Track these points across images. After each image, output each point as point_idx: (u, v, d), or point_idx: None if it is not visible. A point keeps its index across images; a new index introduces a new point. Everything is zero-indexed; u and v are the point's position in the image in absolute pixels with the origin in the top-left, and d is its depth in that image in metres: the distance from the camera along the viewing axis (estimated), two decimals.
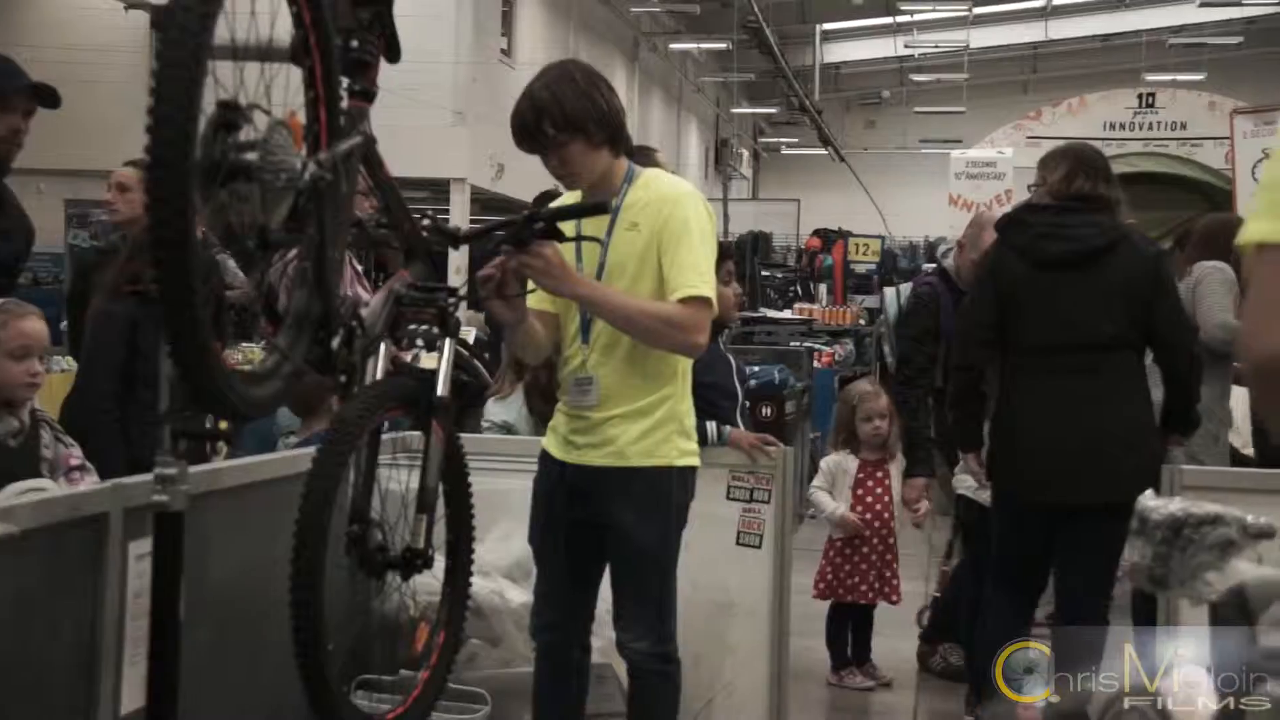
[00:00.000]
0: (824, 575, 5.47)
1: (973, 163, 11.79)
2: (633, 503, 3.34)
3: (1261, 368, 1.28)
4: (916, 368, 5.37)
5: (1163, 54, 24.89)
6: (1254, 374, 1.30)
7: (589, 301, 3.27)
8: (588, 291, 3.25)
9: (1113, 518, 4.30)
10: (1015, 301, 4.43)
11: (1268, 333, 1.26)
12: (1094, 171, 4.40)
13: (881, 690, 5.49)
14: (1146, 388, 4.38)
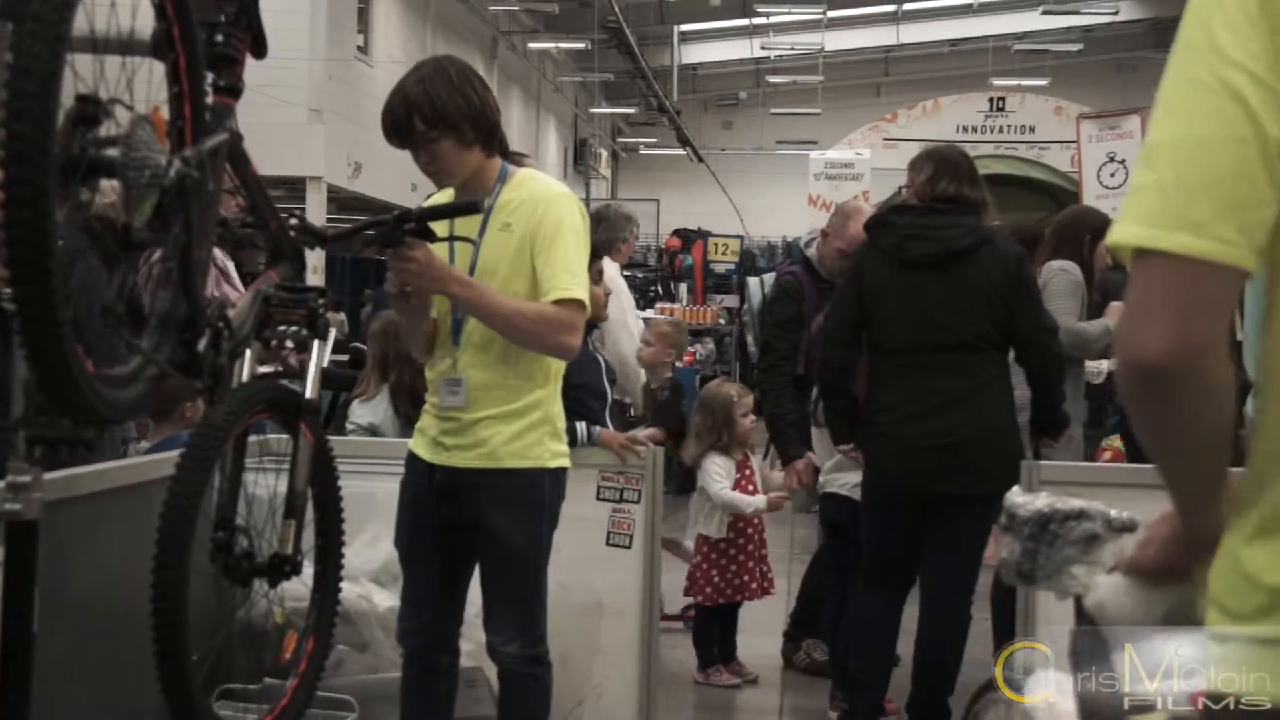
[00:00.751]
0: (708, 579, 5.44)
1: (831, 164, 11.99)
2: (504, 504, 3.32)
3: (1132, 369, 1.32)
4: (779, 355, 5.42)
5: (1008, 59, 25.58)
6: (1125, 375, 1.33)
7: (464, 301, 3.25)
8: (462, 290, 3.22)
9: (975, 513, 4.43)
10: (880, 301, 4.51)
11: (1140, 336, 1.30)
12: (958, 173, 4.49)
13: (748, 687, 5.54)
14: (1009, 386, 4.49)
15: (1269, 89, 1.29)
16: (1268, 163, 1.28)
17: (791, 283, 5.55)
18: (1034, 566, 2.16)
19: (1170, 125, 1.32)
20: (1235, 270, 1.28)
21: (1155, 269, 1.29)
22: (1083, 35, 25.81)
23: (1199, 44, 1.33)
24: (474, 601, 3.59)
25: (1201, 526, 1.47)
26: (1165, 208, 1.29)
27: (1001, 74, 24.19)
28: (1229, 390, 1.33)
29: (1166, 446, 1.38)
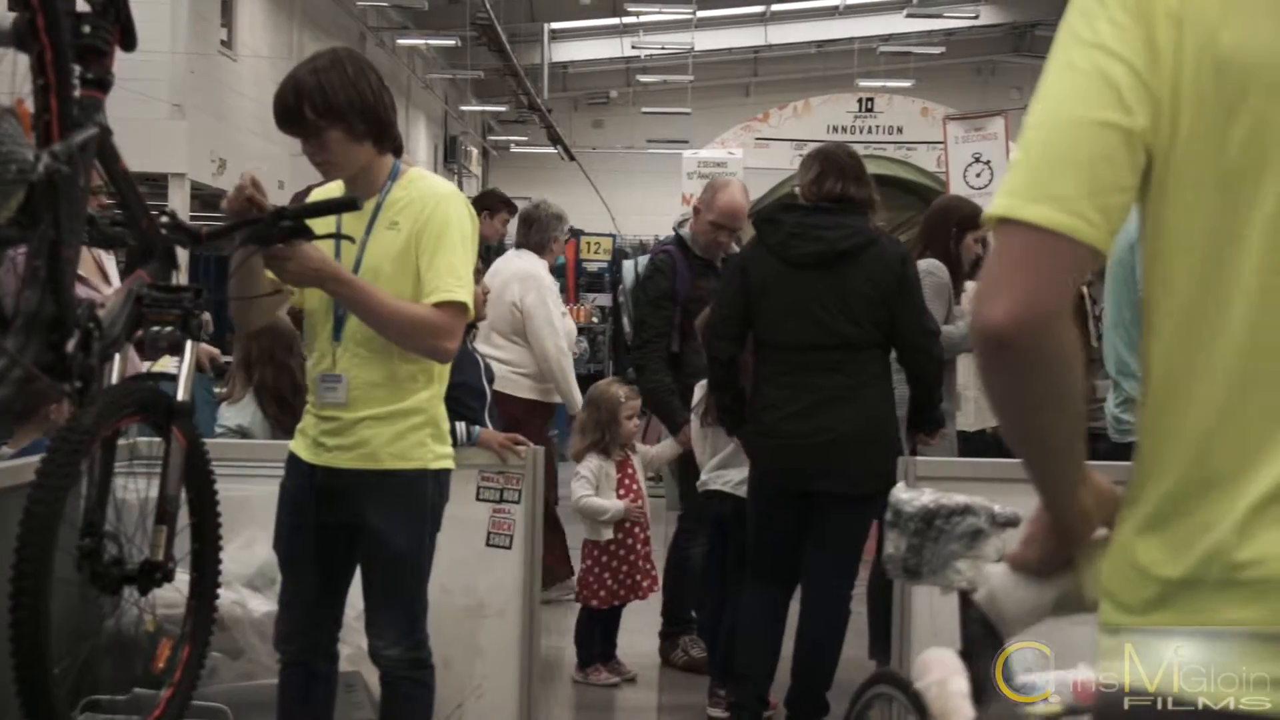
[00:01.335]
0: (601, 583, 5.41)
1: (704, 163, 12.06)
2: (386, 506, 3.27)
3: (981, 335, 1.34)
4: (654, 331, 5.46)
5: (874, 61, 26.01)
6: (976, 342, 1.36)
7: (343, 296, 3.19)
8: (340, 286, 3.16)
9: (854, 509, 4.49)
10: (765, 299, 4.53)
11: (990, 303, 1.33)
12: (844, 173, 4.52)
13: (627, 686, 5.54)
14: (889, 385, 4.54)
15: (1142, 82, 1.33)
16: (1132, 151, 1.32)
17: (665, 260, 5.58)
18: (920, 562, 2.19)
19: (1045, 106, 1.36)
20: (1090, 248, 1.31)
21: (1014, 238, 1.32)
22: (944, 38, 26.37)
23: (1081, 33, 1.37)
24: (353, 605, 3.53)
25: (1062, 508, 1.51)
26: (1031, 181, 1.33)
27: (867, 75, 24.60)
28: (1075, 363, 1.36)
29: (1017, 419, 1.41)
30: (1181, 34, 1.33)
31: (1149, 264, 1.38)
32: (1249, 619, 1.28)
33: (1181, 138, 1.33)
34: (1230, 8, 1.32)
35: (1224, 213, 1.32)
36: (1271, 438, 1.29)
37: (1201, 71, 1.32)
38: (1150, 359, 1.39)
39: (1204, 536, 1.31)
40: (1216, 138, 1.31)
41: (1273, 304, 1.30)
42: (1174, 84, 1.33)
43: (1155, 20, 1.34)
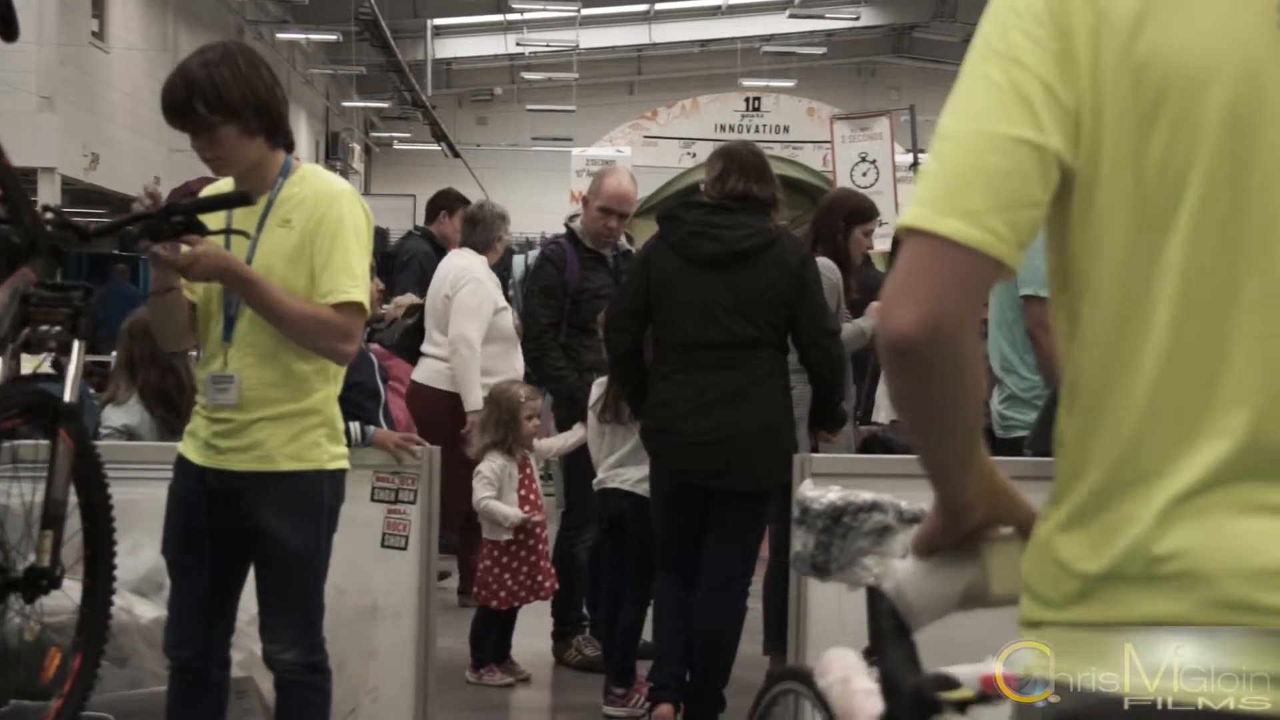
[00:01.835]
0: (501, 583, 5.36)
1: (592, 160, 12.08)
2: (282, 508, 3.21)
3: (887, 343, 1.36)
4: (544, 323, 5.44)
5: (757, 60, 26.23)
6: (882, 348, 1.38)
7: (253, 296, 3.12)
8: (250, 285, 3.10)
9: (749, 508, 4.52)
10: (664, 295, 4.53)
11: (898, 312, 1.34)
12: (746, 171, 4.53)
13: (521, 686, 5.51)
14: (785, 383, 4.56)
15: (1056, 99, 1.34)
16: (1044, 167, 1.33)
17: (555, 251, 5.59)
18: (828, 559, 2.20)
19: (959, 118, 1.37)
20: (998, 262, 1.33)
21: (923, 249, 1.34)
22: (826, 39, 26.68)
23: (996, 44, 1.38)
24: (245, 609, 3.47)
25: (952, 500, 1.54)
26: (943, 194, 1.34)
27: (750, 75, 24.79)
28: (976, 370, 1.39)
29: (918, 419, 1.44)
30: (1099, 44, 1.34)
31: (1076, 274, 1.40)
32: (1168, 612, 1.31)
33: (1106, 149, 1.34)
34: (1145, 18, 1.33)
35: (1146, 222, 1.34)
36: (1190, 440, 1.32)
37: (1120, 82, 1.34)
38: (1077, 367, 1.41)
39: (1123, 532, 1.33)
40: (1136, 148, 1.33)
41: (1193, 313, 1.32)
42: (1094, 95, 1.34)
43: (1072, 32, 1.35)
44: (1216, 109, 1.31)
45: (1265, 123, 1.31)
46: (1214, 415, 1.32)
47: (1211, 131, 1.31)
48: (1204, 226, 1.32)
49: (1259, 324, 1.31)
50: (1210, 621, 1.29)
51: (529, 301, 5.69)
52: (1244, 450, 1.31)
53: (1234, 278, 1.32)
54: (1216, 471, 1.31)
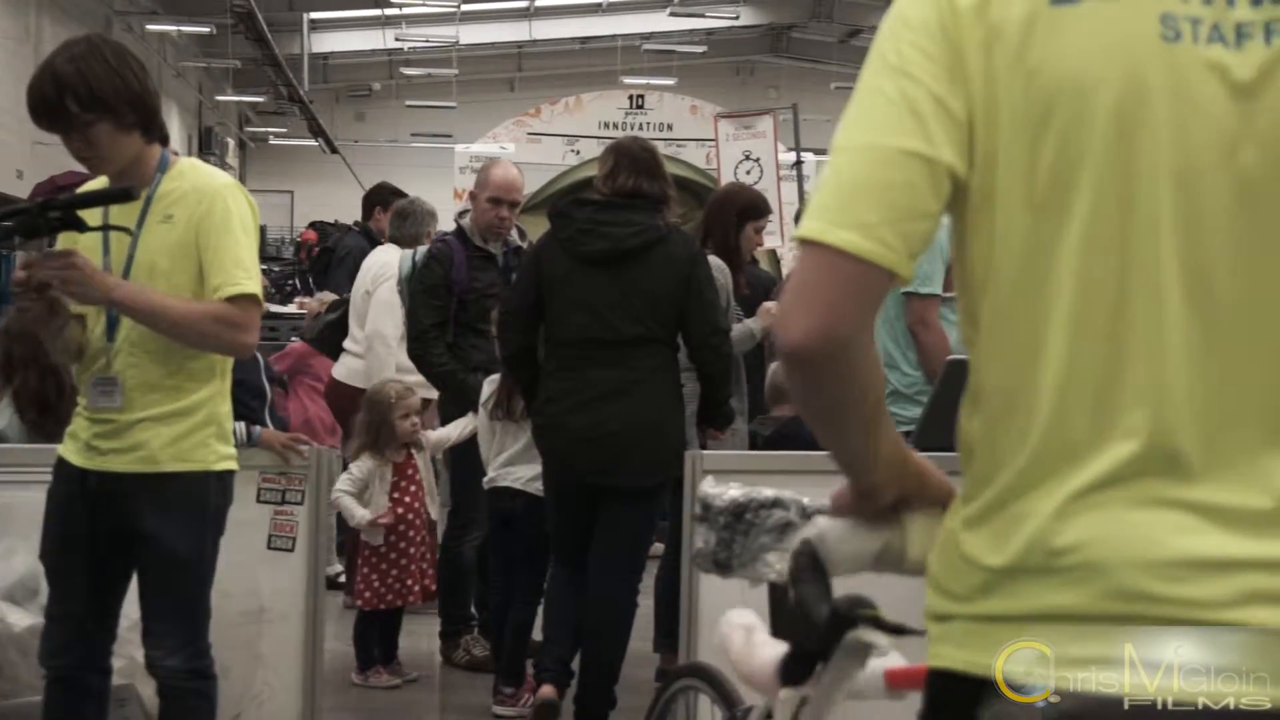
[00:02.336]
0: (369, 584, 5.29)
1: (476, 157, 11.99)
2: (167, 511, 3.13)
3: (785, 350, 1.39)
4: (428, 321, 5.39)
5: (638, 58, 26.29)
6: (780, 355, 1.41)
7: (128, 309, 3.03)
8: (125, 297, 3.01)
9: (637, 505, 4.52)
10: (554, 293, 4.52)
11: (794, 321, 1.37)
12: (637, 166, 4.53)
13: (409, 687, 5.44)
14: (673, 379, 4.57)
15: (947, 112, 1.37)
16: (935, 180, 1.37)
17: (441, 249, 5.53)
18: (730, 555, 2.20)
19: (854, 130, 1.41)
20: (890, 273, 1.37)
21: (819, 260, 1.37)
22: (705, 38, 26.83)
23: (889, 58, 1.41)
24: (126, 615, 3.38)
25: (863, 483, 1.59)
26: (838, 206, 1.37)
27: (631, 72, 24.84)
28: (874, 374, 1.43)
29: (819, 419, 1.48)
30: (990, 56, 1.37)
31: (976, 279, 1.43)
32: (1067, 603, 1.33)
33: (1001, 157, 1.38)
34: (1034, 29, 1.36)
35: (1041, 228, 1.37)
36: (1093, 440, 1.35)
37: (1013, 91, 1.37)
38: (981, 370, 1.44)
39: (1025, 526, 1.36)
40: (1029, 155, 1.37)
41: (1090, 315, 1.36)
42: (988, 106, 1.37)
43: (963, 45, 1.38)
44: (1104, 116, 1.35)
45: (1151, 129, 1.35)
46: (1115, 415, 1.35)
47: (1100, 138, 1.35)
48: (1096, 230, 1.35)
49: (1151, 323, 1.35)
50: (1109, 612, 1.32)
51: (413, 300, 5.62)
52: (1144, 448, 1.34)
53: (1126, 280, 1.35)
54: (1117, 469, 1.34)
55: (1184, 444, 1.34)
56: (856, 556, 1.63)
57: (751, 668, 1.91)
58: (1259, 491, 1.33)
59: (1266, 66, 1.35)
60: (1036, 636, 1.34)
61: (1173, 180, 1.34)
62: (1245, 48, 1.35)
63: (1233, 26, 1.35)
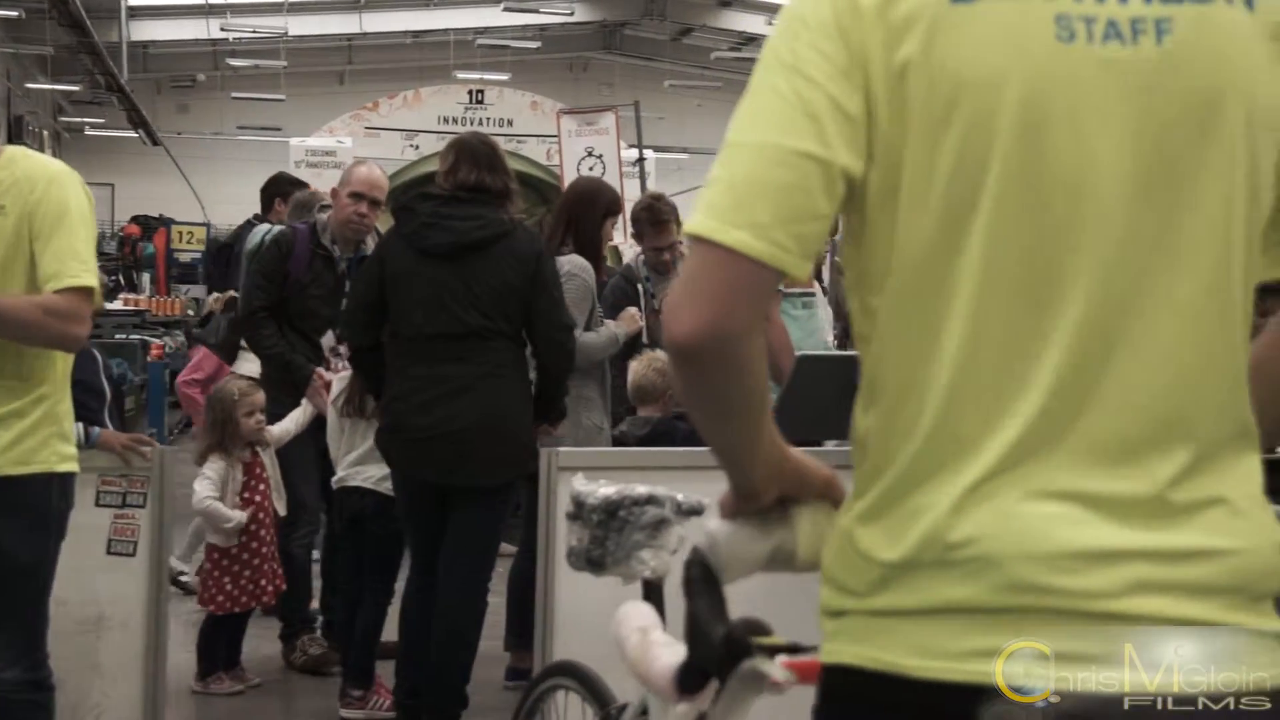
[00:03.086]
0: (220, 587, 5.15)
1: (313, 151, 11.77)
2: (6, 515, 3.00)
3: (673, 346, 1.39)
4: (259, 304, 5.34)
5: (471, 53, 26.07)
6: (669, 349, 1.41)
7: None
8: None
9: (487, 503, 4.48)
10: (399, 288, 4.47)
11: (684, 317, 1.37)
12: (477, 161, 4.49)
13: (252, 693, 5.31)
14: (521, 375, 4.54)
15: (843, 113, 1.38)
16: (829, 182, 1.38)
17: (286, 235, 5.48)
18: (604, 553, 2.21)
19: (748, 128, 1.40)
20: (780, 272, 1.37)
21: (710, 258, 1.37)
22: (539, 33, 26.74)
23: (785, 57, 1.41)
24: None
25: (744, 483, 1.59)
26: (731, 205, 1.37)
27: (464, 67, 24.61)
28: (760, 371, 1.43)
29: (705, 415, 1.47)
30: (890, 56, 1.38)
31: (875, 276, 1.44)
32: (963, 596, 1.35)
33: (907, 155, 1.39)
34: (935, 31, 1.38)
35: (945, 224, 1.38)
36: (985, 433, 1.37)
37: (916, 90, 1.38)
38: (876, 366, 1.45)
39: (920, 520, 1.38)
40: (934, 153, 1.38)
41: (988, 311, 1.38)
42: (890, 106, 1.38)
43: (863, 46, 1.39)
44: (1006, 115, 1.37)
45: (1052, 126, 1.37)
46: (1007, 410, 1.37)
47: (1002, 137, 1.37)
48: (999, 227, 1.37)
49: (1047, 318, 1.37)
50: (1004, 605, 1.34)
51: (248, 279, 5.53)
52: (1034, 440, 1.37)
53: (1025, 276, 1.38)
54: (1008, 462, 1.36)
55: (1072, 437, 1.37)
56: (748, 560, 1.64)
57: (649, 671, 1.90)
58: (1142, 482, 1.37)
59: (1159, 63, 1.38)
60: (933, 630, 1.35)
61: (1071, 179, 1.37)
62: (1140, 44, 1.38)
63: (1128, 23, 1.38)
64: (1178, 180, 1.38)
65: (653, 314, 5.64)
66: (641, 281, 5.87)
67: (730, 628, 1.60)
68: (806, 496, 1.65)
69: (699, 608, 1.62)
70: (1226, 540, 1.38)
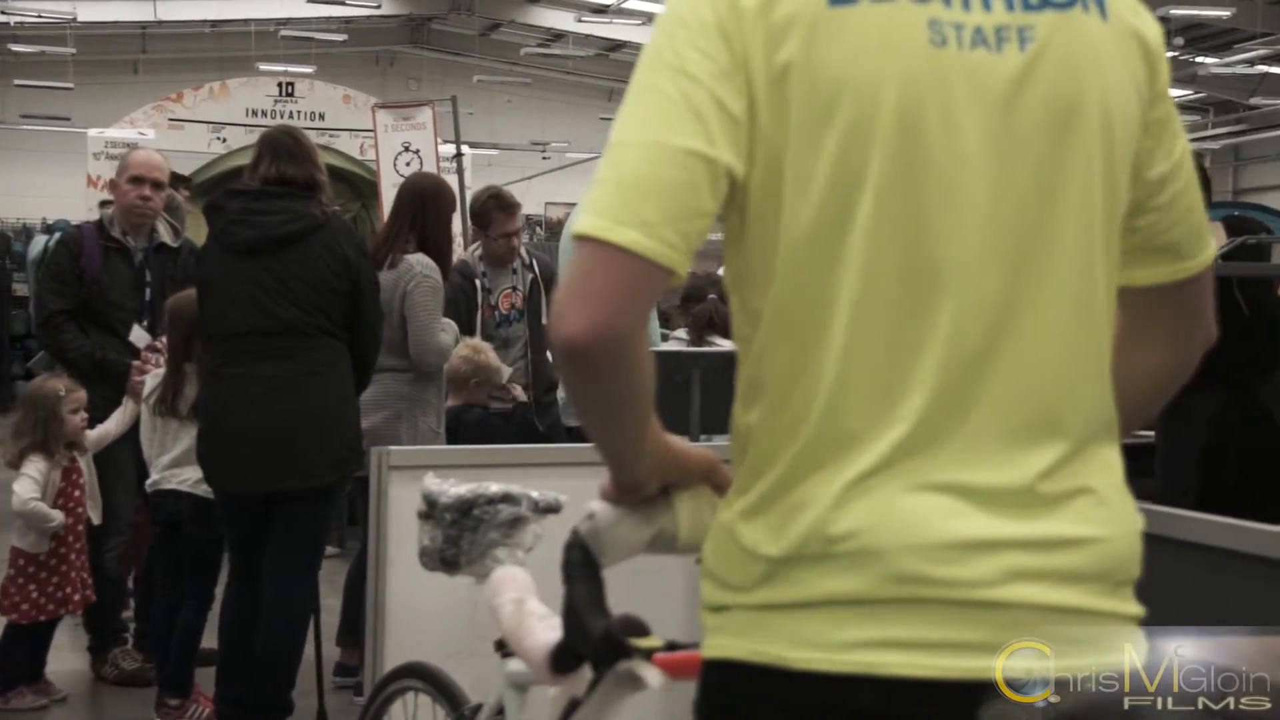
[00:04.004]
0: (25, 595, 4.91)
1: (113, 143, 11.31)
2: None
3: (560, 344, 1.39)
4: (52, 308, 5.18)
5: (274, 44, 25.43)
6: (555, 348, 1.40)
7: None
8: None
9: (312, 505, 4.39)
10: (211, 288, 4.36)
11: (572, 316, 1.37)
12: (280, 154, 4.39)
13: (57, 707, 5.09)
14: (347, 374, 4.44)
15: (726, 112, 1.39)
16: (714, 180, 1.39)
17: (72, 234, 5.35)
18: (458, 553, 2.18)
19: (634, 127, 1.41)
20: (669, 271, 1.38)
21: (599, 257, 1.37)
22: (344, 26, 26.25)
23: (666, 55, 1.42)
24: None
25: (628, 477, 1.60)
26: (618, 204, 1.37)
27: (267, 59, 23.99)
28: (646, 370, 1.43)
29: (592, 412, 1.48)
30: (771, 57, 1.40)
31: (756, 275, 1.45)
32: (846, 588, 1.37)
33: (789, 155, 1.40)
34: (815, 32, 1.39)
35: (826, 223, 1.40)
36: (868, 428, 1.40)
37: (797, 90, 1.39)
38: (759, 364, 1.46)
39: (803, 515, 1.39)
40: (814, 153, 1.40)
41: (869, 309, 1.40)
42: (771, 105, 1.40)
43: (744, 46, 1.40)
44: (886, 115, 1.39)
45: (928, 127, 1.40)
46: (889, 406, 1.40)
47: (882, 135, 1.39)
48: (879, 227, 1.40)
49: (923, 317, 1.40)
50: (886, 595, 1.37)
51: (40, 286, 5.37)
52: (915, 435, 1.39)
53: (903, 274, 1.40)
54: (889, 457, 1.39)
55: (950, 432, 1.40)
56: (630, 544, 1.64)
57: (525, 646, 1.87)
58: (1016, 474, 1.41)
59: (1021, 71, 1.42)
60: (815, 622, 1.37)
61: (947, 179, 1.40)
62: (1004, 52, 1.42)
63: (993, 30, 1.42)
64: (1041, 184, 1.43)
65: (489, 308, 5.68)
66: (479, 278, 5.85)
67: (609, 625, 1.59)
68: (688, 482, 1.66)
69: (577, 594, 1.61)
70: (1093, 529, 1.43)
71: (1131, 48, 1.49)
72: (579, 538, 1.61)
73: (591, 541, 1.61)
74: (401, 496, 3.50)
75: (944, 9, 1.41)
